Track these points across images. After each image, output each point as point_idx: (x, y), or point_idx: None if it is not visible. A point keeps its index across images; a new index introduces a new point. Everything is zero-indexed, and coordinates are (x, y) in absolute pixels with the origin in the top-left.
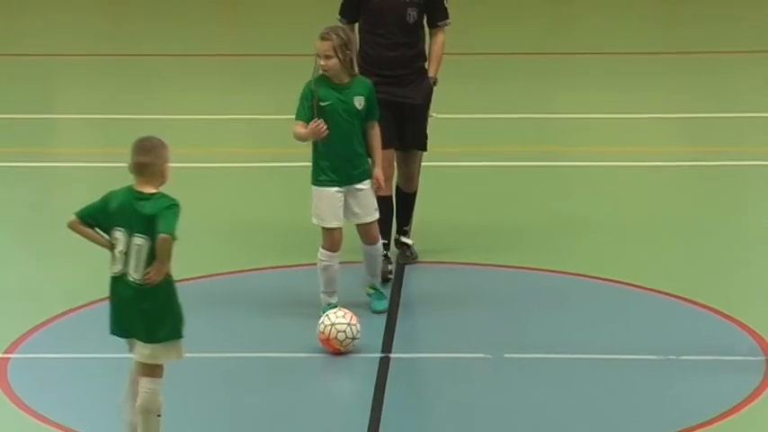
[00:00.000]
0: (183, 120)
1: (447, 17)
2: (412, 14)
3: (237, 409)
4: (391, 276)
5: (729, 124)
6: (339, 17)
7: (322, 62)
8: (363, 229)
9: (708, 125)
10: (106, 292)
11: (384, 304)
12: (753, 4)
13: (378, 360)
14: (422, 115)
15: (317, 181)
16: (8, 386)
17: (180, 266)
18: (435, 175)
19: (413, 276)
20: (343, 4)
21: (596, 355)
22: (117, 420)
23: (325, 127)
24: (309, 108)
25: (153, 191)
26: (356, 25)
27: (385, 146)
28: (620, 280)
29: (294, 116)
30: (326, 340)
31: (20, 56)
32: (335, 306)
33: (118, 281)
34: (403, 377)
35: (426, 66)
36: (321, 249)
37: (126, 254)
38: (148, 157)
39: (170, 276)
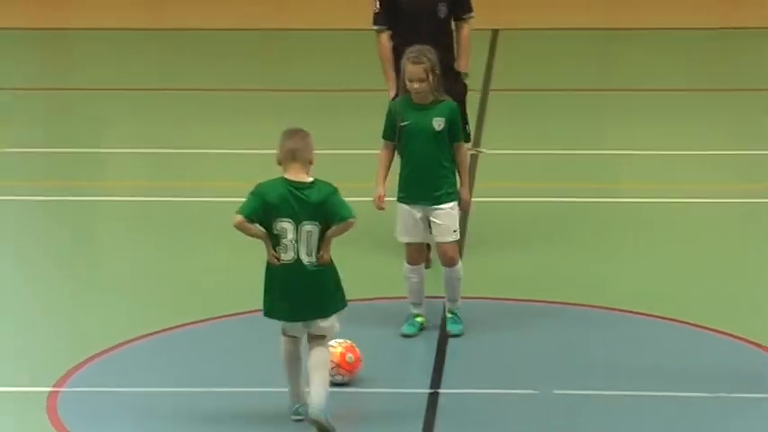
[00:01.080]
0: (235, 154)
1: (471, 10)
2: (442, 9)
3: None
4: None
5: None
6: (376, 27)
7: (416, 85)
8: (439, 248)
9: (756, 162)
10: (155, 327)
11: (459, 328)
12: None
13: (426, 396)
14: (461, 112)
15: (397, 197)
16: (58, 420)
17: (226, 301)
18: (483, 211)
19: (461, 311)
20: (378, 14)
21: (645, 392)
22: None
23: (382, 204)
24: (391, 128)
25: (309, 179)
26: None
27: None
28: (668, 316)
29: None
30: (339, 365)
31: (74, 90)
32: (418, 317)
33: (290, 268)
34: (451, 413)
35: (455, 64)
36: (404, 262)
37: (297, 241)
38: (301, 142)
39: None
